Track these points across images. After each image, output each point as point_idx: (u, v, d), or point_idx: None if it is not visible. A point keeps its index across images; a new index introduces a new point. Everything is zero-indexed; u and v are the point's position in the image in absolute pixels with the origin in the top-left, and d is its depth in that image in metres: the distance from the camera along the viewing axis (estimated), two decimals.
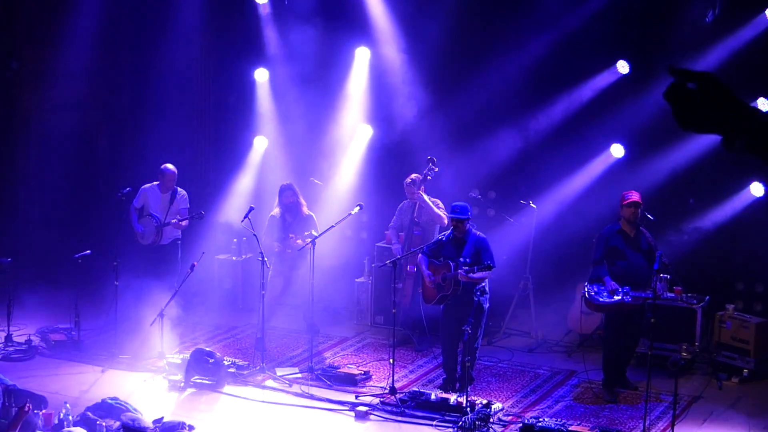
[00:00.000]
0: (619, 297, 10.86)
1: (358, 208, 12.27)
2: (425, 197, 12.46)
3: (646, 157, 13.41)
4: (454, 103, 14.35)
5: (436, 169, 12.53)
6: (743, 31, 12.69)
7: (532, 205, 13.33)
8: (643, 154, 13.44)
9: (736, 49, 12.71)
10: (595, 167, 13.74)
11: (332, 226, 12.19)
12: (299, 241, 12.37)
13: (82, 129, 15.42)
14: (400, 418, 10.58)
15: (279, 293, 12.86)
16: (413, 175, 12.67)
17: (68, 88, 15.19)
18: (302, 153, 15.15)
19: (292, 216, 12.73)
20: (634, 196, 11.07)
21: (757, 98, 12.70)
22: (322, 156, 15.23)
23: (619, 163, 13.62)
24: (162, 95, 15.15)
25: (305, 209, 12.84)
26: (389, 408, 10.77)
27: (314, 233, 12.18)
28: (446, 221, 11.96)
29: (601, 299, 11.00)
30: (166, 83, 15.13)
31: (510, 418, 10.61)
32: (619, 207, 11.20)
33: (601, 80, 13.63)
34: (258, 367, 11.77)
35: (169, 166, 12.98)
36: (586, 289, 11.11)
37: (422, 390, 11.04)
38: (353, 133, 15.10)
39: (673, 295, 11.98)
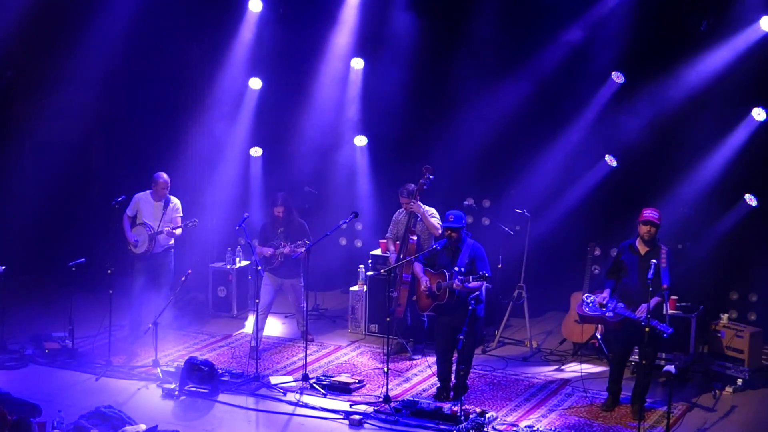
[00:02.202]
0: (603, 311, 10.91)
1: (352, 217, 12.26)
2: (421, 206, 12.45)
3: (640, 167, 13.44)
4: (449, 112, 14.37)
5: (432, 178, 12.52)
6: (737, 40, 12.72)
7: (526, 214, 13.33)
8: (637, 164, 13.47)
9: (731, 58, 12.74)
10: (590, 177, 13.76)
11: (326, 235, 12.18)
12: (286, 250, 12.33)
13: (77, 137, 15.40)
14: (394, 427, 10.56)
15: (270, 302, 12.78)
16: (408, 185, 12.65)
17: (62, 97, 15.18)
18: (297, 162, 15.16)
19: (284, 224, 12.69)
20: (651, 215, 10.80)
21: (751, 108, 12.74)
22: (316, 165, 15.24)
23: (614, 173, 13.64)
24: (156, 103, 15.15)
25: (297, 219, 12.80)
26: (383, 417, 10.76)
27: (307, 242, 12.17)
28: (440, 231, 11.93)
29: (587, 310, 11.07)
30: (160, 91, 15.13)
31: (504, 427, 10.60)
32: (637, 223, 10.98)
33: (597, 91, 13.66)
34: (252, 376, 11.76)
35: (162, 174, 12.96)
36: (583, 297, 11.25)
37: (416, 399, 11.04)
38: (348, 142, 15.13)
39: (658, 323, 10.62)
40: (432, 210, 12.50)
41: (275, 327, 13.64)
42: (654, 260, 10.53)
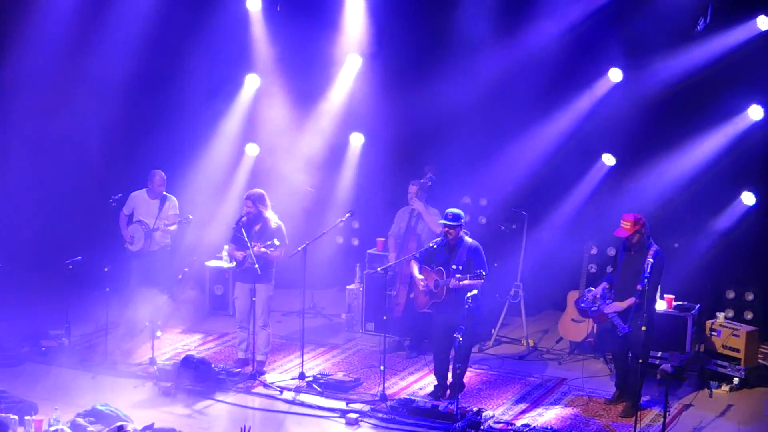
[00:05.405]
0: (592, 305, 11.05)
1: (348, 215, 12.25)
2: (421, 206, 12.45)
3: (639, 166, 13.44)
4: (447, 111, 14.35)
5: (433, 176, 12.52)
6: (734, 38, 12.73)
7: (523, 212, 13.33)
8: (635, 163, 13.47)
9: (727, 56, 12.74)
10: (587, 176, 13.76)
11: (323, 233, 12.16)
12: (263, 249, 11.94)
13: (74, 135, 15.37)
14: (390, 425, 10.58)
15: (248, 310, 12.15)
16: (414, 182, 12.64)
17: (60, 95, 15.15)
18: (293, 160, 15.14)
19: (255, 225, 12.01)
20: (625, 218, 10.93)
21: (748, 105, 12.74)
22: (313, 163, 15.23)
23: (612, 172, 13.65)
24: (153, 100, 15.13)
25: (275, 220, 12.05)
26: (380, 415, 10.77)
27: (276, 242, 11.70)
28: (438, 229, 11.95)
29: (582, 304, 11.22)
30: (158, 88, 15.12)
31: (500, 425, 10.61)
32: None
33: (594, 89, 13.66)
34: (248, 374, 11.75)
35: (159, 171, 12.93)
36: (584, 291, 11.41)
37: (413, 397, 11.04)
38: (345, 140, 15.13)
39: (621, 321, 10.85)
40: (435, 211, 12.49)
41: (272, 325, 13.59)
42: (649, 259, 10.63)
